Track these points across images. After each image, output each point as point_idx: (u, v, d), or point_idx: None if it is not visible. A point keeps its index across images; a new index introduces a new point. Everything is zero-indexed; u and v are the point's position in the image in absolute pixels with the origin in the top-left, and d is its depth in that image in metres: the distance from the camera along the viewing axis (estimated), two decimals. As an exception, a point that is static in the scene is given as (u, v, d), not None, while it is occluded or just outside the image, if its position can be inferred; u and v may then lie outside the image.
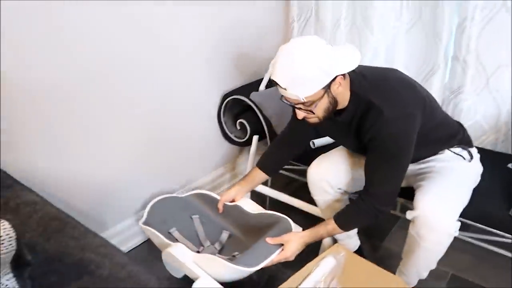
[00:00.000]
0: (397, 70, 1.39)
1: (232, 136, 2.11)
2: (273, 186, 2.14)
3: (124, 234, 1.81)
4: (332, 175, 1.51)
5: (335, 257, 1.40)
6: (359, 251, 1.70)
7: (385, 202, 1.33)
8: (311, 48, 1.16)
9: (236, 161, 2.35)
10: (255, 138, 2.00)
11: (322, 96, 1.20)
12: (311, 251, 1.46)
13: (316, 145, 1.81)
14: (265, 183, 2.01)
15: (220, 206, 1.61)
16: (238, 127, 2.02)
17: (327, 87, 1.19)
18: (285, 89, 1.18)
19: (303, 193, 2.05)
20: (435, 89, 1.87)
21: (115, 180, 1.72)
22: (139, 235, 1.88)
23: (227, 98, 2.01)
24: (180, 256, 1.41)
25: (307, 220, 1.92)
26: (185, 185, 2.07)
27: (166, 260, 1.49)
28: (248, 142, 2.05)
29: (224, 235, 1.65)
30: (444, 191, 1.30)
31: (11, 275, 0.68)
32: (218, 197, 1.66)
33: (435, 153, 1.44)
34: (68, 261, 0.83)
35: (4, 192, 1.04)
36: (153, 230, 1.49)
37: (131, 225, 1.84)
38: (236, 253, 1.54)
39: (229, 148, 2.27)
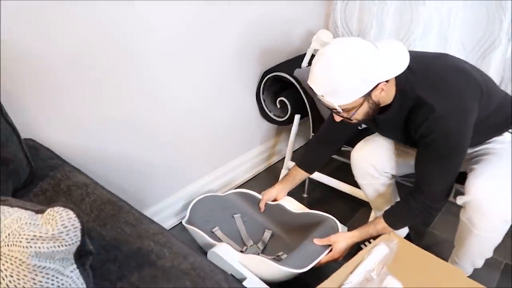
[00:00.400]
0: (448, 55, 1.27)
1: (271, 114, 2.03)
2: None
3: (159, 216, 1.78)
4: (377, 158, 1.42)
5: (388, 245, 1.33)
6: (407, 238, 1.63)
7: (438, 199, 1.25)
8: (352, 54, 1.06)
9: (274, 140, 2.28)
10: (297, 117, 1.91)
11: (362, 104, 1.13)
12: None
13: (362, 126, 1.71)
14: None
15: (262, 205, 1.59)
16: (278, 106, 1.94)
17: (368, 95, 1.11)
18: (322, 96, 1.11)
19: (343, 173, 1.98)
20: (494, 66, 1.74)
21: (154, 159, 1.68)
22: (173, 217, 1.85)
23: (267, 75, 1.92)
24: (226, 256, 1.40)
25: (350, 204, 1.88)
26: (222, 164, 2.02)
27: (211, 260, 1.47)
28: (289, 121, 1.97)
29: (267, 234, 1.63)
30: (500, 174, 1.20)
31: (74, 266, 0.64)
32: (259, 195, 1.65)
33: (492, 137, 1.33)
34: (126, 249, 0.78)
35: (53, 173, 1.00)
36: (197, 230, 1.48)
37: (166, 207, 1.81)
38: (281, 253, 1.52)
39: (267, 127, 2.19)
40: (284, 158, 2.30)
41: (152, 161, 1.67)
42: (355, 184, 1.76)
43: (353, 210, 1.92)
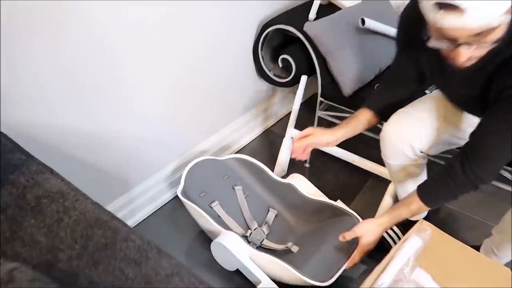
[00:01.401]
0: None
1: (271, 74, 1.76)
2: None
3: (150, 193, 1.55)
4: (416, 135, 1.20)
5: (421, 236, 1.16)
6: (426, 217, 1.47)
7: (491, 171, 1.03)
8: None
9: (268, 101, 2.02)
10: (304, 79, 1.66)
11: (497, 27, 0.82)
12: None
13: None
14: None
15: (297, 144, 1.27)
16: (280, 64, 1.67)
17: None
18: (462, 11, 0.78)
19: (356, 144, 1.77)
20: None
21: (139, 133, 1.42)
22: (165, 192, 1.62)
23: (267, 28, 1.63)
24: (235, 250, 1.22)
25: (357, 175, 1.70)
26: (215, 131, 1.77)
27: (215, 251, 1.28)
28: (292, 82, 1.72)
29: (271, 215, 1.44)
30: None
31: None
32: (262, 165, 1.46)
33: None
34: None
35: (15, 176, 0.73)
36: (196, 208, 1.27)
37: (157, 182, 1.57)
38: (290, 243, 1.34)
39: (262, 88, 1.93)
40: (279, 120, 2.09)
41: (140, 135, 1.42)
42: (362, 154, 1.57)
43: (361, 182, 1.75)
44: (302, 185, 1.44)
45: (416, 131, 1.19)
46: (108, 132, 1.30)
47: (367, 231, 1.17)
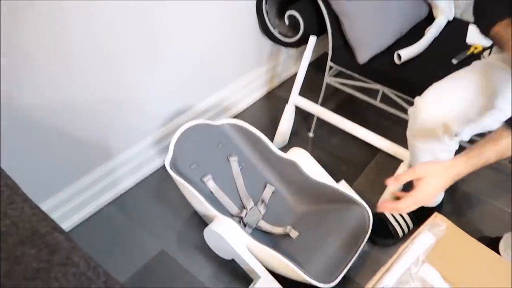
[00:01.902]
0: None
1: (275, 32, 1.55)
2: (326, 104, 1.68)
3: (134, 162, 1.41)
4: (456, 118, 1.00)
5: (434, 232, 1.03)
6: (439, 206, 1.33)
7: None
8: None
9: (274, 61, 1.82)
10: (313, 40, 1.45)
11: None
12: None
13: (402, 59, 1.29)
14: (314, 99, 1.54)
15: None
16: (287, 22, 1.46)
17: None
18: None
19: (366, 114, 1.60)
20: None
21: (122, 95, 1.25)
22: (153, 161, 1.48)
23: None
24: (231, 240, 1.09)
25: (364, 148, 1.53)
26: (214, 92, 1.60)
27: (209, 238, 1.15)
28: (299, 43, 1.51)
29: (268, 191, 1.29)
30: None
31: None
32: (262, 135, 1.29)
33: None
34: None
35: None
36: (188, 186, 1.12)
37: (144, 149, 1.43)
38: (288, 227, 1.20)
39: (266, 46, 1.73)
40: (284, 82, 1.91)
41: (124, 96, 1.25)
42: (372, 126, 1.40)
43: (369, 155, 1.59)
44: (306, 162, 1.28)
45: (457, 114, 1.00)
46: (86, 95, 1.14)
47: (433, 174, 0.84)
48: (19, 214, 0.54)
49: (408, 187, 0.91)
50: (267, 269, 1.12)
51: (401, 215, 1.30)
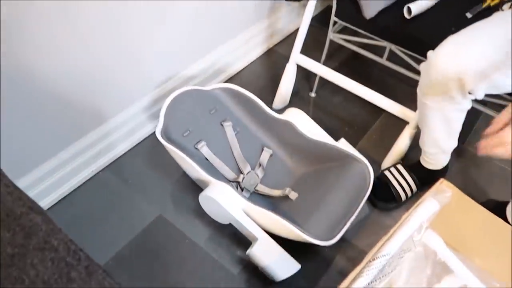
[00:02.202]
0: None
1: (276, -17, 1.45)
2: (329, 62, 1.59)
3: (127, 126, 1.35)
4: (475, 68, 0.93)
5: (438, 199, 0.99)
6: (444, 170, 1.29)
7: None
8: None
9: (273, 16, 1.72)
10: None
11: None
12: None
13: (413, 13, 1.20)
14: (317, 57, 1.47)
15: None
16: (288, -28, 1.35)
17: None
18: None
19: (371, 72, 1.53)
20: None
21: (112, 58, 1.18)
22: (146, 125, 1.42)
23: None
24: (227, 204, 1.06)
25: (368, 108, 1.46)
26: (210, 51, 1.52)
27: (204, 203, 1.11)
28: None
29: (266, 155, 1.25)
30: None
31: None
32: (255, 97, 1.23)
33: None
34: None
35: None
36: (180, 154, 1.07)
37: (136, 114, 1.37)
38: (287, 189, 1.16)
39: (263, 1, 1.62)
40: (285, 39, 1.81)
41: (113, 60, 1.18)
42: (377, 86, 1.34)
43: (373, 116, 1.53)
44: (302, 122, 1.23)
45: (474, 69, 0.93)
46: (75, 56, 1.07)
47: None
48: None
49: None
50: (266, 232, 1.10)
51: (405, 179, 1.26)
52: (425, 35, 1.18)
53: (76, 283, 0.43)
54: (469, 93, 0.97)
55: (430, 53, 0.98)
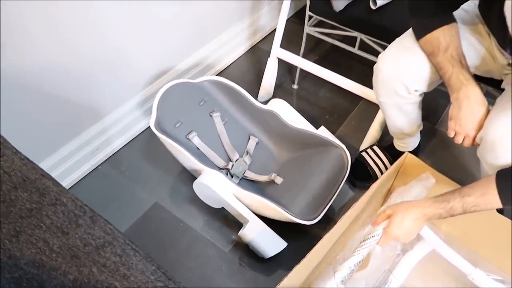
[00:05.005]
0: None
1: (254, -16, 1.55)
2: (310, 55, 1.70)
3: (123, 122, 1.46)
4: (413, 74, 1.04)
5: (425, 186, 1.08)
6: (416, 150, 1.40)
7: None
8: None
9: (255, 15, 1.83)
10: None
11: None
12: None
13: (378, 5, 1.31)
14: (298, 51, 1.58)
15: None
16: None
17: None
18: None
19: (349, 63, 1.64)
20: None
21: (107, 56, 1.28)
22: (141, 120, 1.53)
23: None
24: (219, 190, 1.17)
25: (347, 96, 1.56)
26: (196, 49, 1.62)
27: (198, 190, 1.22)
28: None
29: (252, 143, 1.35)
30: None
31: None
32: (241, 89, 1.33)
33: None
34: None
35: None
36: (174, 144, 1.18)
37: (131, 110, 1.47)
38: (273, 175, 1.27)
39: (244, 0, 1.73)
40: (268, 35, 1.92)
41: (108, 58, 1.28)
42: (355, 74, 1.45)
43: (352, 104, 1.64)
44: (285, 111, 1.33)
45: (413, 70, 1.03)
46: (72, 57, 1.17)
47: (399, 211, 0.91)
48: (10, 165, 0.60)
49: None
50: (255, 214, 1.20)
51: (380, 158, 1.37)
52: (389, 24, 1.28)
53: (83, 228, 0.53)
54: (416, 90, 1.07)
55: (379, 56, 1.09)
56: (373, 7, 1.31)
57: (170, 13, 1.41)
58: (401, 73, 1.04)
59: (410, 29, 1.04)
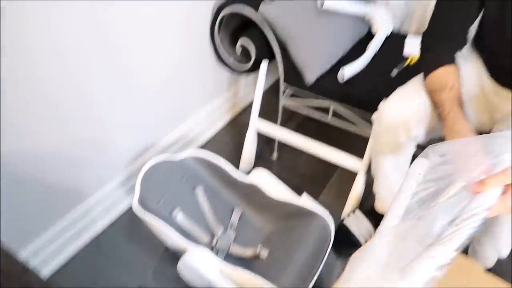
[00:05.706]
0: None
1: (229, 61, 1.64)
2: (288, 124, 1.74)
3: (106, 202, 1.45)
4: (417, 116, 1.07)
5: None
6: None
7: None
8: None
9: (233, 90, 1.91)
10: (264, 64, 1.54)
11: None
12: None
13: (345, 77, 1.39)
14: (274, 120, 1.63)
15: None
16: (239, 50, 1.55)
17: None
18: None
19: (326, 131, 1.69)
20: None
21: (88, 136, 1.30)
22: (124, 200, 1.52)
23: (222, 11, 1.50)
24: (203, 267, 1.13)
25: (324, 164, 1.57)
26: (175, 126, 1.66)
27: (183, 271, 1.19)
28: (252, 69, 1.60)
29: (236, 215, 1.35)
30: None
31: None
32: (221, 163, 1.34)
33: None
34: None
35: None
36: (154, 222, 1.17)
37: (114, 189, 1.47)
38: (259, 247, 1.26)
39: (222, 75, 1.81)
40: (246, 109, 1.99)
41: (90, 137, 1.30)
42: (332, 141, 1.49)
43: (330, 172, 1.68)
44: (267, 181, 1.35)
45: (418, 114, 1.08)
46: (52, 138, 1.19)
47: None
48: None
49: None
50: (244, 291, 1.16)
51: (363, 224, 1.37)
52: (358, 93, 1.36)
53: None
54: (415, 137, 1.12)
55: (381, 104, 1.14)
56: (340, 81, 1.38)
57: (152, 90, 1.46)
58: (405, 115, 1.08)
59: (411, 80, 1.11)
